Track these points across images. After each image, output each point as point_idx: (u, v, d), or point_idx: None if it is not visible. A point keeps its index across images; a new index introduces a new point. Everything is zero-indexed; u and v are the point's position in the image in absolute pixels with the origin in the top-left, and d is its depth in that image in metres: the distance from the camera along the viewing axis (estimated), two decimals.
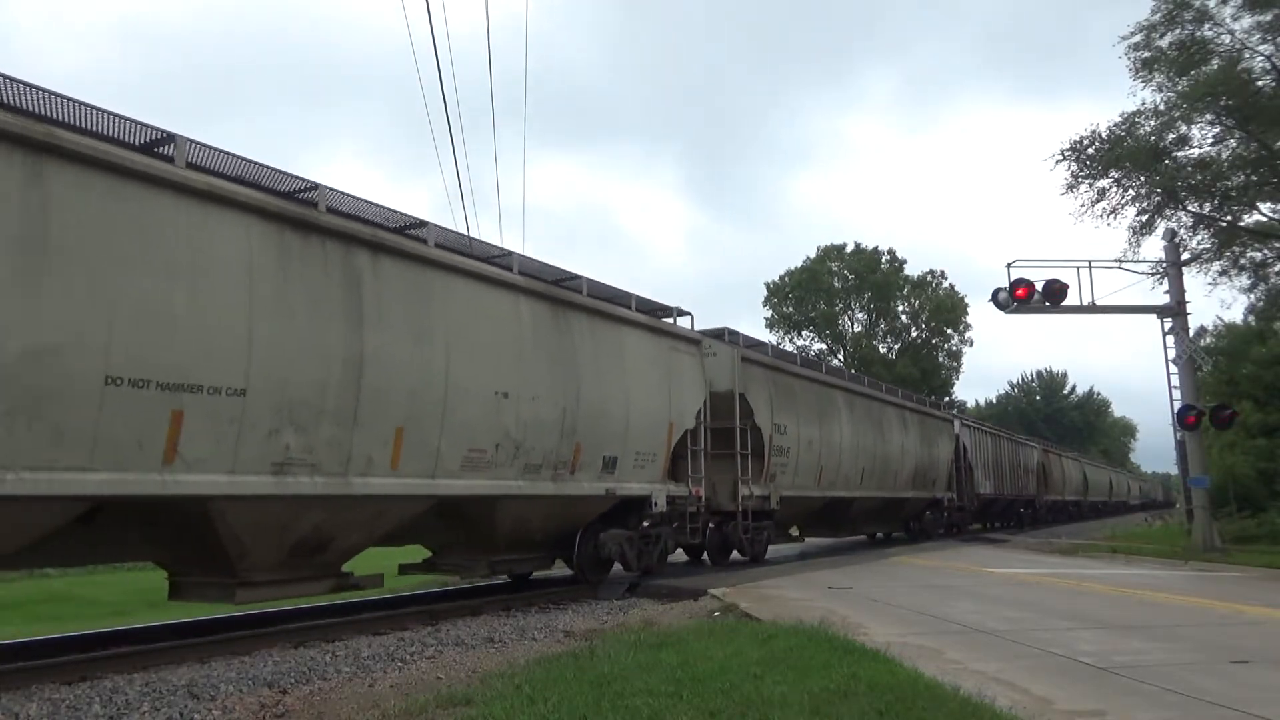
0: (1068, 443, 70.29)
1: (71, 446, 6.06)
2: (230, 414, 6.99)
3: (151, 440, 6.52)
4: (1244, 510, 24.94)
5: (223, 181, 7.26)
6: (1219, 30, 20.12)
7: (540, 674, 6.00)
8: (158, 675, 6.69)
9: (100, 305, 6.21)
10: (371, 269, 8.32)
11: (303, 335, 7.56)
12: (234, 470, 7.07)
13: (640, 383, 12.05)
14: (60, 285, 6.02)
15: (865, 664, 5.98)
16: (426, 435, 8.73)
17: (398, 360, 8.38)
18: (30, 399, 5.83)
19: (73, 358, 6.04)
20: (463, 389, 9.11)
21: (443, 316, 9.01)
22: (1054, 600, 10.76)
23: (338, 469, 7.90)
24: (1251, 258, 23.43)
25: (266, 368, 7.23)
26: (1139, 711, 5.11)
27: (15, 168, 5.88)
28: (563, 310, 10.87)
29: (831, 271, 57.82)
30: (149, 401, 6.46)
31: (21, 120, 5.99)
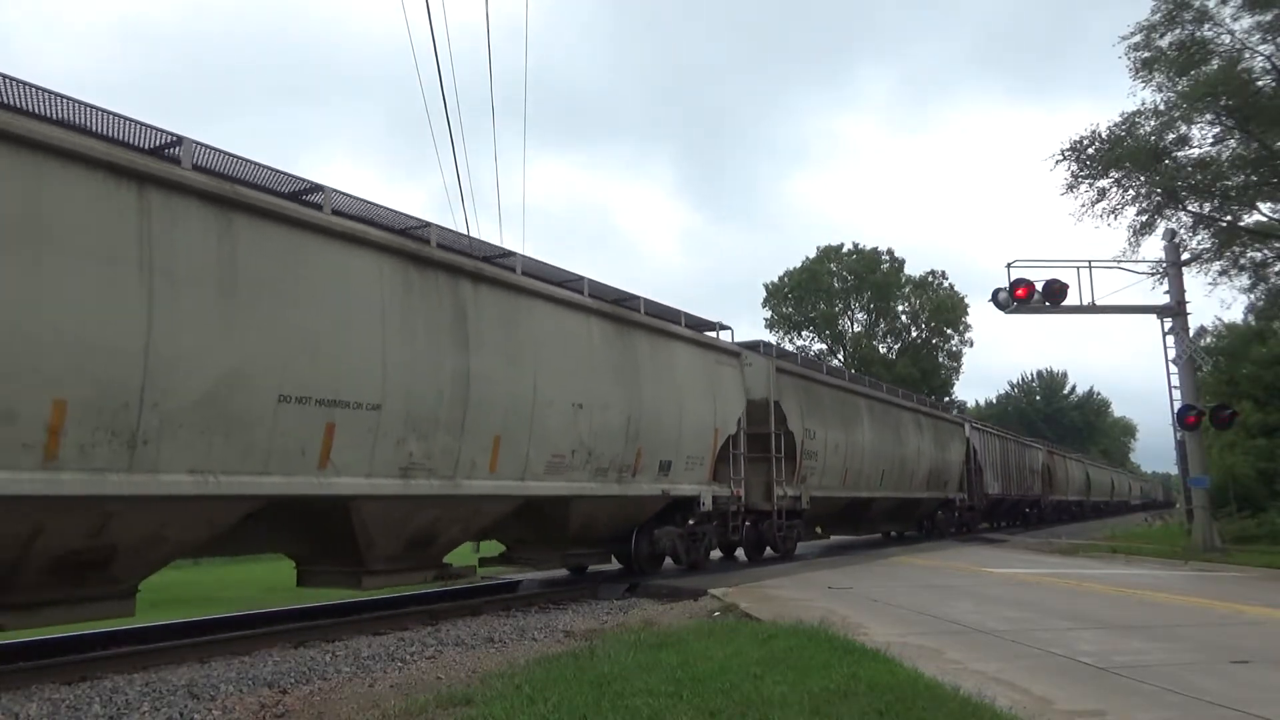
0: (1068, 443, 70.30)
1: (253, 455, 7.21)
2: (369, 426, 8.16)
3: (311, 449, 7.68)
4: (1244, 510, 24.94)
5: (360, 225, 8.43)
6: (1219, 30, 20.13)
7: (540, 674, 6.00)
8: (158, 675, 6.69)
9: (274, 335, 7.36)
10: (474, 297, 9.57)
11: (423, 357, 8.74)
12: (371, 474, 8.23)
13: (690, 392, 13.22)
14: (246, 320, 7.15)
15: (865, 664, 5.98)
16: (518, 442, 9.95)
17: (496, 377, 9.57)
18: (224, 416, 6.97)
19: (255, 381, 7.19)
20: (547, 401, 10.30)
21: (530, 337, 10.21)
22: (1054, 600, 10.76)
23: (449, 472, 9.10)
24: (1251, 258, 23.42)
25: (396, 385, 8.40)
26: (1139, 711, 5.11)
27: (212, 222, 7.06)
28: (625, 328, 12.07)
29: (831, 272, 57.81)
30: (310, 416, 7.62)
31: (216, 181, 7.19)
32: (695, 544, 13.74)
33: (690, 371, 13.36)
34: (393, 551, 8.95)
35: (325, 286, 7.87)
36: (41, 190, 5.99)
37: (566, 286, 11.23)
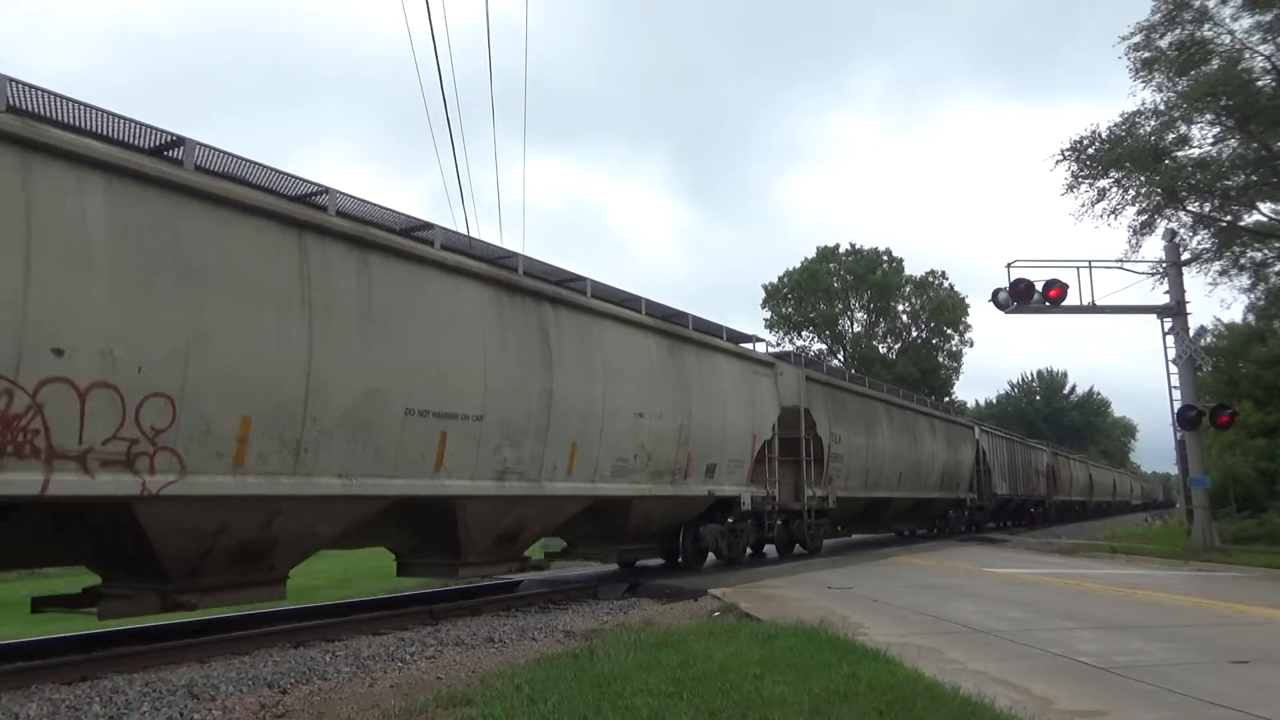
0: (1068, 443, 70.36)
1: (385, 460, 8.34)
2: (474, 434, 9.31)
3: (428, 455, 8.82)
4: (1244, 510, 24.96)
5: (464, 258, 9.60)
6: (1219, 30, 20.11)
7: (540, 674, 5.99)
8: (158, 675, 6.69)
9: (400, 357, 8.48)
10: (554, 319, 10.72)
11: (515, 373, 9.89)
12: (474, 476, 9.40)
13: (732, 401, 14.34)
14: (379, 345, 8.28)
15: (865, 664, 5.98)
16: (591, 448, 11.09)
17: (573, 390, 10.71)
18: (364, 427, 8.10)
19: (387, 397, 8.30)
20: (614, 410, 11.42)
21: (600, 353, 11.36)
22: (1054, 600, 10.76)
23: (535, 475, 10.28)
24: (1251, 257, 23.41)
25: (495, 399, 9.55)
26: (1139, 711, 5.11)
27: (353, 261, 8.20)
28: (676, 343, 13.24)
29: (831, 272, 57.81)
30: (428, 427, 8.75)
31: (356, 225, 8.37)
32: (735, 540, 14.83)
33: (732, 381, 14.52)
34: (485, 545, 10.13)
35: (438, 313, 9.07)
36: (227, 237, 7.18)
37: (627, 306, 12.39)
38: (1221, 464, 26.67)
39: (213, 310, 6.95)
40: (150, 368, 6.57)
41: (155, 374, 6.60)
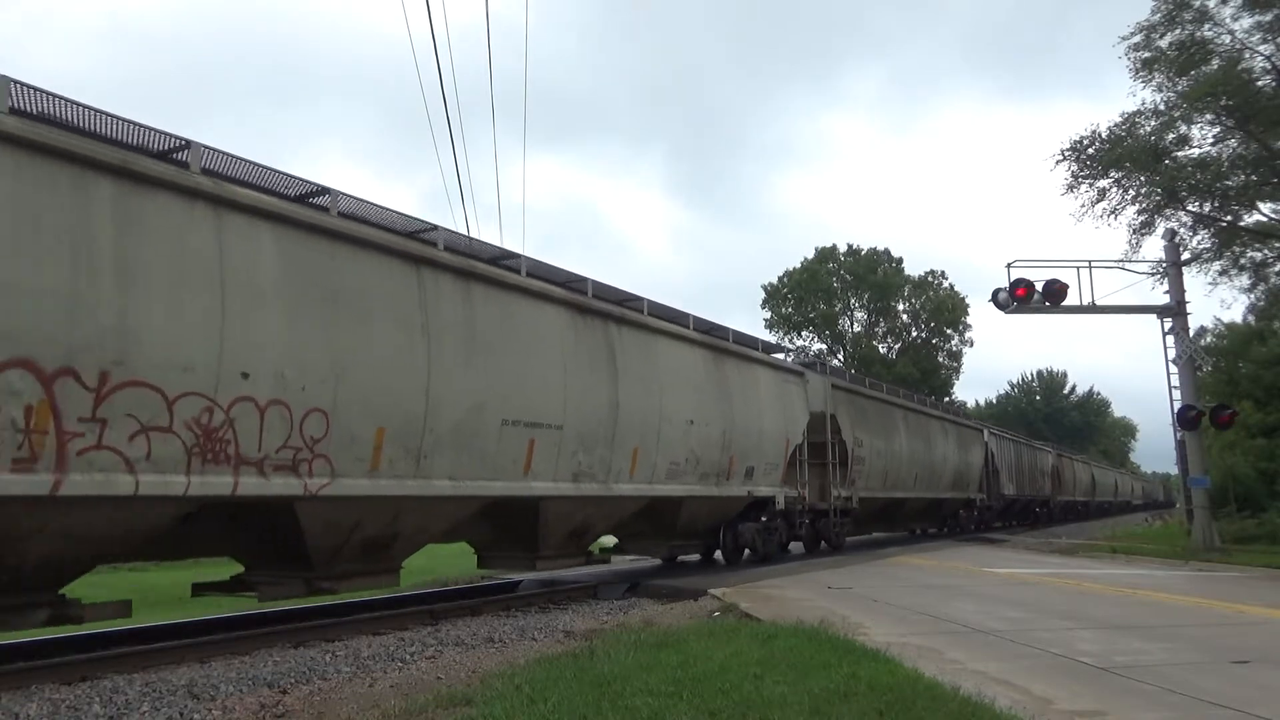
0: (1067, 443, 70.48)
1: (485, 465, 9.51)
2: (555, 441, 10.48)
3: (519, 460, 10.00)
4: (1244, 510, 24.96)
5: (545, 284, 10.83)
6: (1219, 30, 20.10)
7: (540, 674, 5.99)
8: (158, 675, 6.69)
9: (497, 374, 9.64)
10: (618, 336, 11.92)
11: (588, 387, 11.06)
12: (555, 479, 10.57)
13: (768, 408, 15.51)
14: (480, 364, 9.44)
15: (865, 664, 5.98)
16: (650, 453, 12.27)
17: (635, 400, 11.90)
18: (469, 437, 9.24)
19: (487, 410, 9.46)
20: (669, 418, 12.61)
21: (656, 366, 12.59)
22: (1054, 600, 10.76)
23: (604, 478, 11.44)
24: (1252, 258, 23.39)
25: (572, 410, 10.74)
26: (1139, 711, 5.11)
27: (459, 291, 9.39)
28: (720, 355, 14.39)
29: (830, 272, 57.81)
30: (519, 435, 9.92)
31: (461, 259, 9.59)
32: (769, 538, 16.05)
33: (768, 390, 15.69)
34: (559, 540, 11.29)
35: (526, 334, 10.25)
36: (364, 273, 8.40)
37: (676, 322, 13.60)
38: (1221, 464, 26.67)
39: (356, 337, 8.19)
40: (311, 387, 7.76)
41: (315, 392, 7.79)
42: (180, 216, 7.04)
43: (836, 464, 17.91)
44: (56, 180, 6.31)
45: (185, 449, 6.90)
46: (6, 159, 6.02)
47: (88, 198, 6.48)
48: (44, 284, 6.08)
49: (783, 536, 16.58)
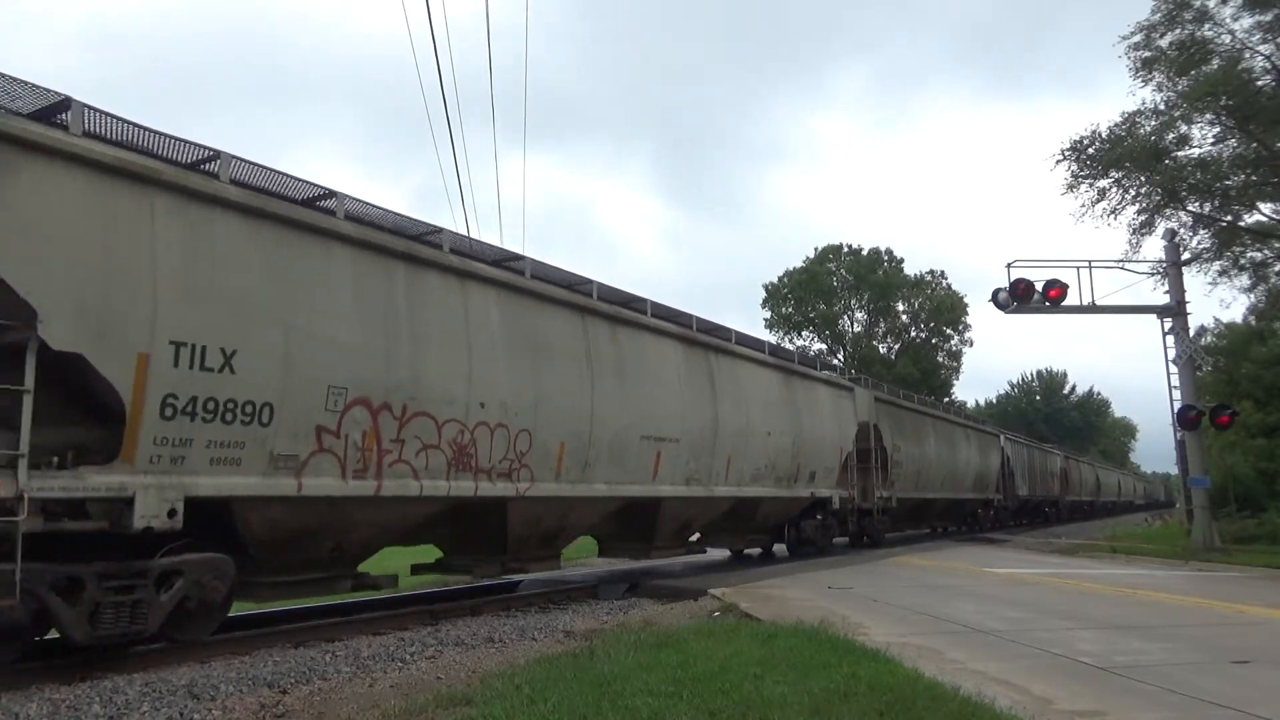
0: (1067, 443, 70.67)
1: (627, 472, 11.83)
2: (674, 452, 12.73)
3: (649, 468, 12.28)
4: (1244, 510, 24.94)
5: (667, 323, 13.21)
6: (1219, 30, 20.10)
7: (540, 674, 5.99)
8: (158, 675, 6.68)
9: (636, 398, 11.97)
10: (715, 363, 14.17)
11: (696, 406, 13.32)
12: (673, 483, 12.80)
13: (826, 420, 17.82)
14: (626, 390, 11.78)
15: (865, 664, 5.98)
16: (739, 460, 14.41)
17: (728, 416, 14.08)
18: (618, 449, 11.59)
19: (631, 427, 11.82)
20: (753, 431, 14.79)
21: (743, 387, 14.77)
22: (1054, 600, 10.76)
23: (707, 482, 13.63)
24: (1252, 258, 23.39)
25: (686, 425, 13.01)
26: (1140, 711, 5.11)
27: (609, 331, 11.81)
28: (788, 376, 16.75)
29: (830, 272, 57.80)
30: (650, 447, 12.24)
31: (612, 307, 12.00)
32: (825, 533, 18.18)
33: (825, 404, 17.96)
34: (669, 534, 13.47)
35: (653, 365, 12.58)
36: (549, 322, 10.78)
37: (756, 349, 15.89)
38: (1221, 464, 26.65)
39: (547, 373, 10.47)
40: (521, 413, 10.04)
41: (523, 417, 10.07)
42: (442, 289, 9.37)
43: (878, 468, 20.03)
44: (374, 268, 8.59)
45: (447, 461, 9.19)
46: (348, 255, 8.35)
47: (391, 280, 8.75)
48: (372, 346, 8.39)
49: (835, 532, 18.82)
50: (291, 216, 7.93)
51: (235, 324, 7.29)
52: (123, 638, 6.82)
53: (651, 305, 12.88)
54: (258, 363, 7.42)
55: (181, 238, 7.06)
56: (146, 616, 6.85)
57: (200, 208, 7.24)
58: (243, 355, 7.30)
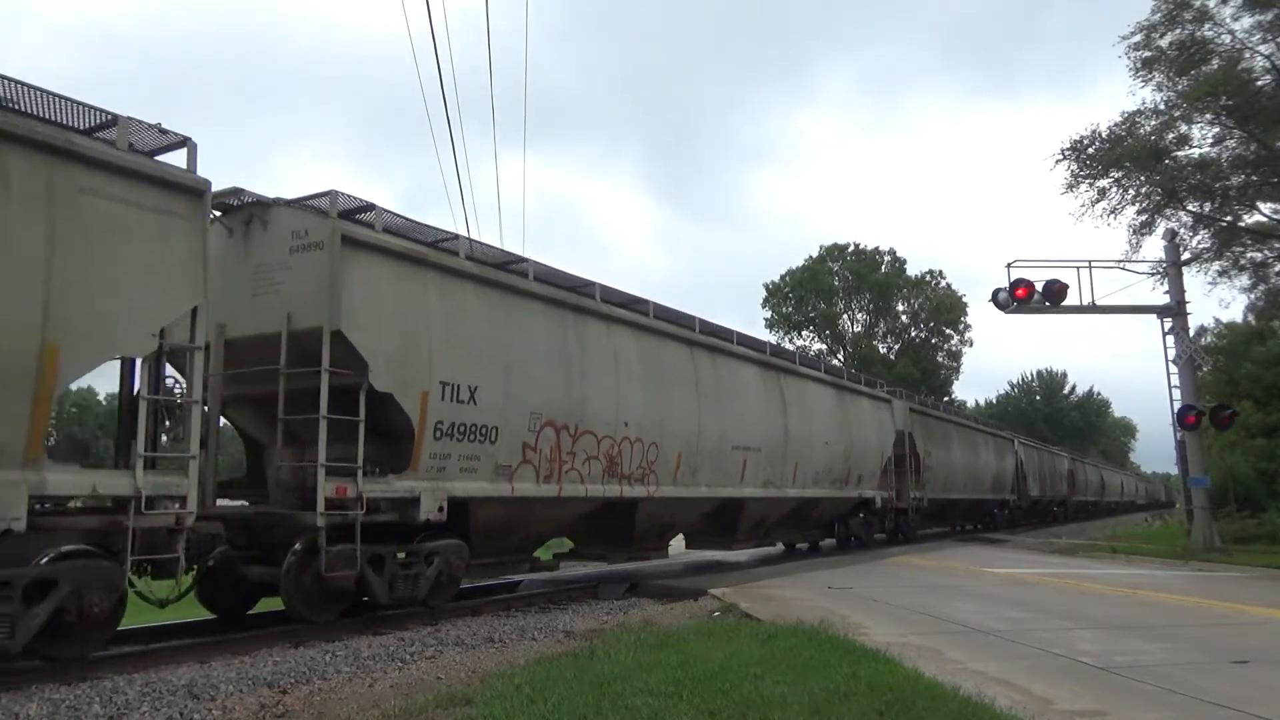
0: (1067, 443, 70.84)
1: (721, 476, 14.07)
2: (756, 459, 15.10)
3: (737, 472, 14.56)
4: (1244, 510, 24.93)
5: (748, 350, 15.73)
6: (1219, 30, 20.08)
7: (540, 674, 5.99)
8: (158, 675, 6.68)
9: (729, 414, 14.31)
10: (785, 382, 16.73)
11: (771, 420, 15.83)
12: (755, 485, 15.10)
13: (871, 429, 20.23)
14: (722, 407, 14.14)
15: (865, 664, 5.98)
16: (804, 466, 16.92)
17: (796, 428, 16.58)
18: (716, 457, 13.91)
19: (725, 438, 14.13)
20: (814, 440, 17.32)
21: (806, 403, 17.34)
22: (1054, 600, 10.76)
23: (780, 484, 16.04)
24: (1252, 258, 23.37)
25: (764, 437, 15.46)
26: (1140, 711, 5.11)
27: (709, 359, 14.23)
28: (840, 391, 19.29)
29: (831, 271, 57.78)
30: (739, 455, 14.56)
31: (710, 339, 14.43)
32: (869, 529, 20.84)
33: (870, 415, 20.45)
34: (748, 529, 15.80)
35: (740, 386, 15.00)
36: (668, 354, 13.28)
37: (813, 368, 18.72)
38: (1221, 464, 26.63)
39: (668, 395, 12.97)
40: (650, 428, 12.51)
41: (652, 432, 12.52)
42: (596, 331, 11.85)
43: (912, 471, 22.34)
44: (553, 318, 11.15)
45: (603, 469, 11.61)
46: (539, 309, 10.90)
47: (564, 327, 11.31)
48: (556, 380, 10.90)
49: (876, 529, 21.24)
50: (503, 281, 10.46)
51: (476, 367, 9.75)
52: (409, 601, 9.12)
53: (736, 335, 15.59)
54: (490, 396, 9.88)
55: (442, 304, 9.52)
56: (420, 585, 9.10)
57: (452, 280, 9.73)
58: (481, 390, 9.77)
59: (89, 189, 6.72)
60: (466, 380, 9.53)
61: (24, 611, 6.19)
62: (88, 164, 6.68)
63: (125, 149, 7.02)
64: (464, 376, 9.51)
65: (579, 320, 11.51)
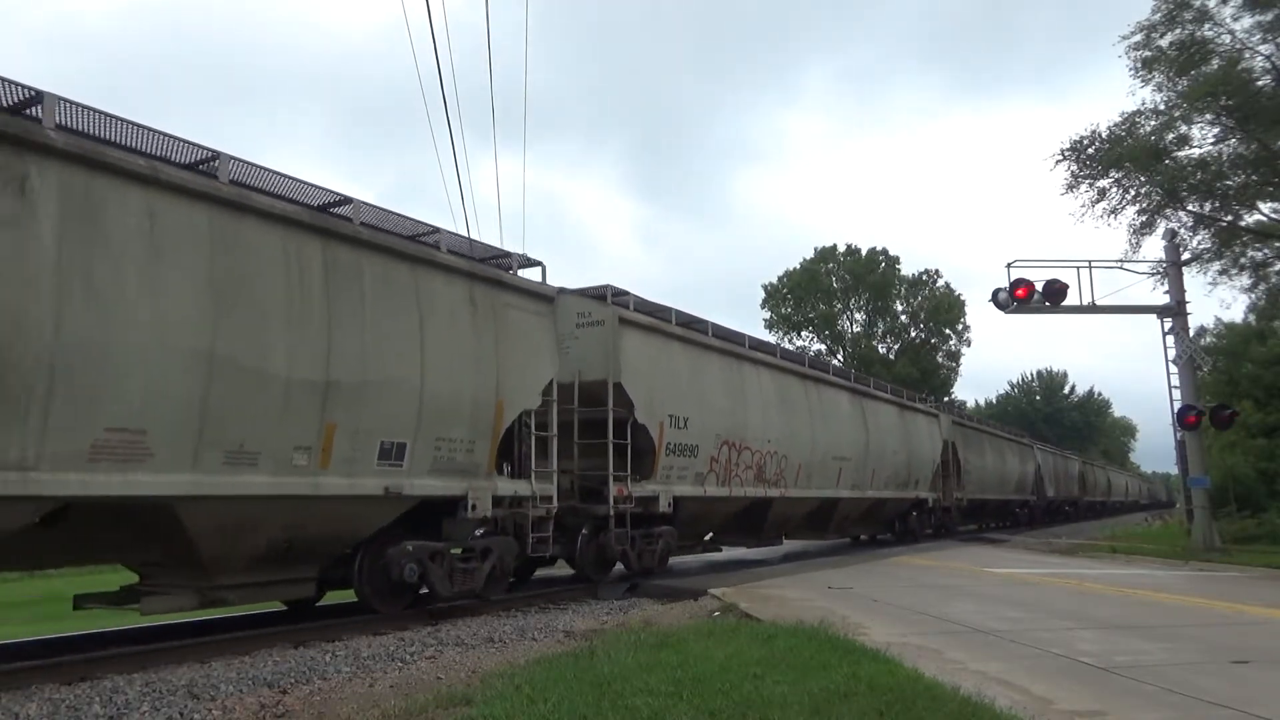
0: (1067, 443, 71.04)
1: (824, 480, 17.81)
2: (848, 467, 18.70)
3: (834, 478, 18.21)
4: (1244, 510, 24.93)
5: (839, 379, 19.87)
6: (1219, 30, 20.06)
7: (540, 674, 5.99)
8: (158, 675, 6.68)
9: (830, 431, 18.07)
10: (866, 405, 20.35)
11: (858, 434, 19.42)
12: (846, 488, 18.70)
13: (925, 440, 23.97)
14: (827, 426, 18.03)
15: (865, 664, 5.98)
16: (879, 471, 20.39)
17: (875, 441, 20.14)
18: (821, 466, 17.64)
19: (827, 451, 17.88)
20: (887, 451, 20.95)
21: (880, 420, 20.94)
22: (1054, 600, 10.76)
23: (864, 486, 19.72)
24: (1252, 257, 23.35)
25: (853, 449, 19.09)
26: (1140, 712, 5.11)
27: (814, 389, 18.20)
28: (903, 409, 23.03)
29: (829, 272, 57.78)
30: (836, 464, 18.23)
31: (817, 372, 18.81)
32: (922, 525, 24.58)
33: (923, 428, 24.16)
34: (838, 524, 19.85)
35: (837, 408, 18.76)
36: (792, 385, 17.23)
37: (883, 391, 22.22)
38: (1221, 464, 26.64)
39: (792, 416, 16.65)
40: (782, 443, 16.03)
41: (783, 446, 16.05)
42: (750, 371, 15.67)
43: (954, 475, 26.02)
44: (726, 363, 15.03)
45: (754, 475, 15.12)
46: (716, 357, 14.74)
47: (729, 370, 15.04)
48: (728, 408, 14.57)
49: (928, 525, 25.03)
50: (695, 339, 14.22)
51: (685, 402, 13.46)
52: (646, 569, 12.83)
53: (832, 368, 20.24)
54: (694, 423, 13.59)
55: (667, 359, 13.39)
56: (656, 557, 13.11)
57: (669, 341, 13.57)
58: (690, 419, 13.51)
59: (507, 304, 10.20)
60: (681, 412, 13.35)
61: (479, 568, 9.93)
62: (506, 288, 10.28)
63: (516, 274, 10.61)
64: (680, 410, 13.33)
65: (739, 364, 15.35)
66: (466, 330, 9.49)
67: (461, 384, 9.32)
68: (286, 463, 7.58)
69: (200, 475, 6.93)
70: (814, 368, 18.88)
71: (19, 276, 5.97)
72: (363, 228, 8.59)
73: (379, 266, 8.56)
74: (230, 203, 7.37)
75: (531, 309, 10.53)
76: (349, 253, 8.26)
